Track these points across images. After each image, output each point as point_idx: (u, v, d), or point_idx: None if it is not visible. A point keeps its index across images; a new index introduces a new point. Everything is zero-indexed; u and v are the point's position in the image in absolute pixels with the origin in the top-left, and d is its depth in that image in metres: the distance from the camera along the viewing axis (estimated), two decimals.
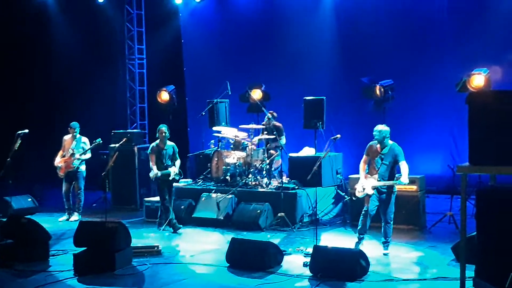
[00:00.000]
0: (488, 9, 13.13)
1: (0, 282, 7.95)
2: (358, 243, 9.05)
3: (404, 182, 8.80)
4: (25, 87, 17.45)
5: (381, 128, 8.98)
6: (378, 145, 9.04)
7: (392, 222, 9.04)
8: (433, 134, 13.91)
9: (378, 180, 8.94)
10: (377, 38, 14.39)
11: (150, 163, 10.89)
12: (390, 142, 9.07)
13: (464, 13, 13.57)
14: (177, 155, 11.08)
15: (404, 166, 8.88)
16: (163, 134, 10.88)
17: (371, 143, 9.19)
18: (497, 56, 12.59)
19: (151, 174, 10.84)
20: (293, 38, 15.45)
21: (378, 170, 8.97)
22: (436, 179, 13.25)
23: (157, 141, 10.96)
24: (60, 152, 12.26)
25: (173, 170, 10.85)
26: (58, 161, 12.18)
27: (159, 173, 10.73)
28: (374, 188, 8.93)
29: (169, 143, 11.01)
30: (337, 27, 15.05)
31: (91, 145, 12.15)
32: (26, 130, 11.60)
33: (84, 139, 12.28)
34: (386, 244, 9.03)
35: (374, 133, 9.00)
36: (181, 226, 11.02)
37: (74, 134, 12.18)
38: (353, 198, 9.45)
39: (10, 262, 8.57)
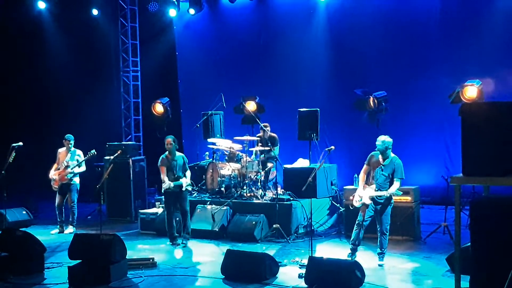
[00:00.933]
0: (481, 21, 13.22)
1: None
2: (351, 254, 9.08)
3: (382, 194, 8.88)
4: (20, 100, 17.46)
5: (384, 139, 9.05)
6: (380, 156, 9.08)
7: (388, 234, 9.07)
8: (426, 145, 13.95)
9: (375, 190, 8.98)
10: (371, 50, 14.47)
11: (161, 176, 10.68)
12: (392, 154, 9.12)
13: (456, 25, 13.66)
14: (187, 166, 10.94)
15: (395, 184, 8.92)
16: (170, 145, 10.72)
17: (372, 153, 9.22)
18: (489, 68, 12.66)
19: (165, 186, 10.57)
20: (287, 50, 15.53)
21: (376, 180, 9.02)
22: (430, 189, 13.30)
23: (166, 152, 10.80)
24: (55, 165, 12.26)
25: (185, 181, 10.71)
26: (53, 173, 12.17)
27: (172, 184, 10.57)
28: (371, 198, 8.97)
29: (178, 154, 10.90)
30: (331, 39, 15.12)
31: (85, 157, 12.15)
32: (21, 143, 11.61)
33: (79, 152, 12.27)
34: (381, 255, 9.06)
35: (377, 143, 9.06)
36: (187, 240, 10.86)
37: (69, 146, 12.18)
38: (350, 207, 9.48)
39: (5, 275, 8.55)
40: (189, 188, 10.99)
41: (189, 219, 10.90)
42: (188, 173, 10.91)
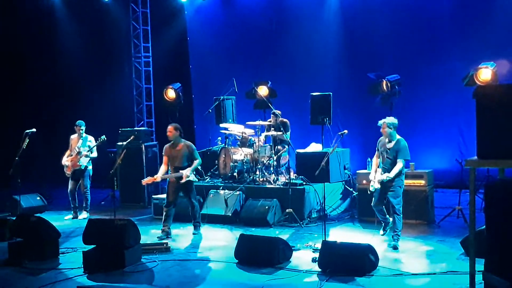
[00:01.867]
0: (493, 2, 13.10)
1: (10, 280, 7.99)
2: (382, 228, 9.67)
3: (385, 178, 9.00)
4: (32, 86, 17.53)
5: (386, 120, 9.11)
6: (386, 139, 9.07)
7: (401, 215, 9.08)
8: (440, 128, 13.90)
9: (381, 174, 9.00)
10: (383, 33, 14.37)
11: (162, 165, 10.40)
12: (398, 136, 9.08)
13: (470, 7, 13.54)
14: (195, 155, 10.27)
15: (398, 165, 8.97)
16: (169, 133, 10.23)
17: (381, 137, 9.24)
18: (504, 50, 12.55)
19: (155, 178, 10.23)
20: (299, 34, 15.46)
21: (384, 163, 9.09)
22: (444, 173, 13.27)
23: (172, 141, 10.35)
24: (68, 151, 12.32)
25: (185, 173, 10.06)
26: (65, 159, 12.23)
27: (159, 178, 10.17)
28: (380, 181, 8.97)
29: (183, 142, 10.28)
30: (343, 22, 15.04)
31: (96, 142, 12.19)
32: (34, 129, 11.67)
33: (90, 138, 12.33)
34: (395, 237, 9.06)
35: (379, 125, 9.15)
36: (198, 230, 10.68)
37: (80, 132, 12.21)
38: (368, 193, 9.52)
39: (20, 260, 8.62)
40: (191, 178, 10.22)
41: (196, 209, 10.52)
42: (196, 162, 10.25)
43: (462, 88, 11.93)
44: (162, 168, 10.33)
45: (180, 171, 10.12)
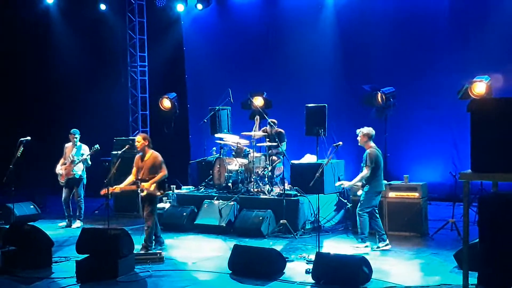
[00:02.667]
0: (489, 16, 13.18)
1: None
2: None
3: (345, 185, 10.27)
4: (27, 94, 17.52)
5: (360, 130, 9.78)
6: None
7: (364, 217, 9.63)
8: (434, 141, 13.94)
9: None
10: (379, 45, 14.45)
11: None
12: (371, 145, 9.67)
13: (465, 21, 13.62)
14: (161, 166, 9.64)
15: (362, 172, 9.61)
16: (137, 143, 9.74)
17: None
18: (498, 64, 12.63)
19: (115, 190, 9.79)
20: (294, 46, 15.51)
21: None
22: (437, 186, 13.28)
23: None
24: (62, 160, 12.29)
25: (147, 187, 9.48)
26: (59, 168, 12.21)
27: (118, 188, 9.71)
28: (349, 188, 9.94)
29: (149, 153, 9.72)
30: (339, 35, 15.11)
31: (89, 151, 12.17)
32: (29, 137, 11.63)
33: (84, 147, 12.31)
34: (360, 238, 9.71)
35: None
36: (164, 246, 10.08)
37: (75, 140, 12.19)
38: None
39: (12, 269, 8.58)
40: (152, 191, 9.52)
41: (151, 228, 9.68)
42: (160, 175, 9.56)
43: (456, 101, 12.00)
44: (129, 179, 9.86)
45: (141, 183, 9.57)
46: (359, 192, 9.83)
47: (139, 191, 9.66)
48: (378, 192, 9.75)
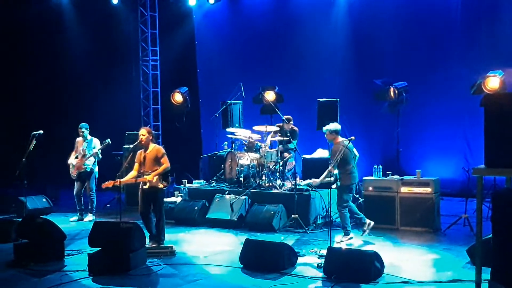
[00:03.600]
0: (502, 11, 13.10)
1: (15, 282, 7.99)
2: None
3: (313, 183, 10.29)
4: (39, 89, 17.58)
5: (327, 128, 9.97)
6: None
7: (342, 212, 9.87)
8: (447, 136, 13.88)
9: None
10: (391, 40, 14.39)
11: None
12: (338, 140, 9.89)
13: (478, 15, 13.54)
14: (164, 158, 9.56)
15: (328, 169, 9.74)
16: (143, 136, 9.63)
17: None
18: (511, 59, 12.53)
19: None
20: (306, 40, 15.48)
21: None
22: (450, 182, 13.24)
23: None
24: (73, 153, 12.33)
25: (150, 179, 9.39)
26: (72, 160, 12.25)
27: (120, 181, 9.43)
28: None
29: (152, 146, 9.68)
30: (351, 29, 15.06)
31: (100, 146, 12.21)
32: (41, 131, 11.68)
33: (95, 141, 12.34)
34: (342, 231, 9.94)
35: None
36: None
37: (82, 134, 12.22)
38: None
39: (25, 262, 8.63)
40: (154, 183, 9.43)
41: (161, 225, 9.65)
42: (163, 167, 9.47)
43: (469, 96, 11.94)
44: (130, 174, 9.71)
45: (145, 176, 9.50)
46: (334, 186, 9.87)
47: (141, 185, 9.54)
48: (349, 187, 9.92)
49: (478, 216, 6.03)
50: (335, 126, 10.01)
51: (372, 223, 9.92)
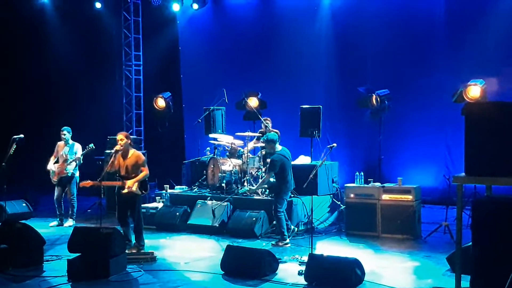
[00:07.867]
0: (485, 20, 13.17)
1: None
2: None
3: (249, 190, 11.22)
4: (20, 92, 17.44)
5: (265, 138, 10.28)
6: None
7: (278, 216, 10.19)
8: (428, 144, 13.93)
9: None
10: (374, 47, 14.45)
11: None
12: (276, 150, 10.30)
13: (460, 24, 13.62)
14: (144, 165, 9.61)
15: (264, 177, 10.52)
16: (121, 141, 9.56)
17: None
18: (493, 67, 12.64)
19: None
20: (290, 47, 15.49)
21: None
22: (431, 189, 13.29)
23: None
24: (52, 158, 12.22)
25: (129, 185, 9.44)
26: (51, 165, 12.14)
27: (99, 183, 9.48)
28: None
29: (132, 151, 9.65)
30: (334, 36, 15.10)
31: (83, 150, 12.13)
32: (22, 135, 11.57)
33: (77, 145, 12.25)
34: (282, 236, 10.22)
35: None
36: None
37: (64, 138, 12.13)
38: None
39: (4, 267, 8.52)
40: (134, 190, 9.47)
41: (139, 230, 9.73)
42: (142, 174, 9.51)
43: (451, 104, 12.02)
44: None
45: (125, 181, 9.52)
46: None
47: (118, 189, 9.60)
48: (286, 194, 10.32)
49: (458, 224, 6.07)
50: (273, 136, 10.44)
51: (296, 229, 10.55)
